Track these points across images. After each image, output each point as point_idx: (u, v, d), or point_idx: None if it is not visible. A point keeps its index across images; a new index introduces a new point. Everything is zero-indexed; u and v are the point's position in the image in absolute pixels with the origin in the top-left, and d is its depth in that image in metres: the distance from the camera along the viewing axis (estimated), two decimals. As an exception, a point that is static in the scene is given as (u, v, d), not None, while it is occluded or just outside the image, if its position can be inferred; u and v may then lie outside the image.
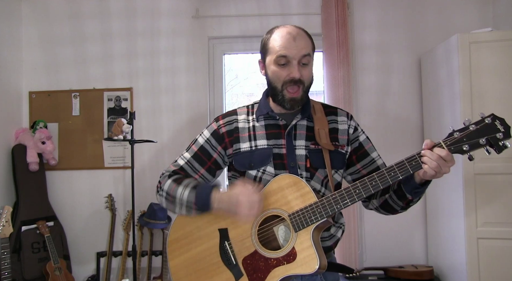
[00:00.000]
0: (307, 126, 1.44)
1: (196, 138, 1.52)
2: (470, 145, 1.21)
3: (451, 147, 1.22)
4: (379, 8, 3.15)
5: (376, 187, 1.26)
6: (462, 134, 1.22)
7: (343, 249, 2.92)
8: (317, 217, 1.27)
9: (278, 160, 1.39)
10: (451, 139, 1.23)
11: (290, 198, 1.31)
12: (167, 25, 3.20)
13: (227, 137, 1.46)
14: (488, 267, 2.39)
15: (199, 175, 1.47)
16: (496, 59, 2.44)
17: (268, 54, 1.41)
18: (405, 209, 1.42)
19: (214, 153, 1.47)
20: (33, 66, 3.23)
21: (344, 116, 1.49)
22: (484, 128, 1.20)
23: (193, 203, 1.35)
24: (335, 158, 1.42)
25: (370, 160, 1.48)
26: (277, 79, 1.38)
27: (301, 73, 1.35)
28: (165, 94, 3.20)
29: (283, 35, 1.37)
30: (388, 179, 1.25)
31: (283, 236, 1.32)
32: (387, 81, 3.13)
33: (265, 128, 1.44)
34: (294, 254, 1.27)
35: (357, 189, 1.27)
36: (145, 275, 3.03)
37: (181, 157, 1.50)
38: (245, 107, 1.52)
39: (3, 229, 2.45)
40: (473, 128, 1.21)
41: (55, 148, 3.15)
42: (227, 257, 1.35)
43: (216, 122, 1.50)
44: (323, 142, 1.40)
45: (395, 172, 1.25)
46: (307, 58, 1.37)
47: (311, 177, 1.39)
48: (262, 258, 1.30)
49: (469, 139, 1.21)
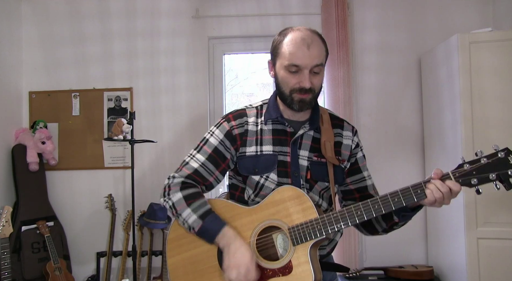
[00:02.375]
0: (314, 137, 1.42)
1: (206, 137, 1.45)
2: (479, 179, 1.17)
3: (459, 179, 1.19)
4: (379, 8, 3.15)
5: (378, 212, 1.24)
6: (473, 167, 1.17)
7: (343, 249, 2.92)
8: (316, 234, 1.27)
9: (282, 167, 1.38)
10: (461, 171, 1.19)
11: (291, 211, 1.31)
12: (167, 25, 3.20)
13: (239, 140, 1.42)
14: (488, 267, 2.39)
15: (214, 177, 1.43)
16: (496, 59, 2.44)
17: (279, 58, 1.36)
18: (387, 232, 1.41)
19: (228, 154, 1.42)
20: (33, 66, 3.23)
21: (350, 131, 1.48)
22: (496, 163, 1.15)
23: (193, 230, 1.35)
24: (337, 172, 1.42)
25: (360, 177, 1.47)
26: (286, 85, 1.35)
27: (312, 81, 1.32)
28: (165, 94, 3.20)
29: (296, 41, 1.32)
30: (391, 205, 1.23)
31: (282, 244, 1.32)
32: (387, 81, 3.13)
33: (272, 133, 1.41)
34: (290, 268, 1.28)
35: (359, 211, 1.26)
36: (145, 275, 3.03)
37: (193, 158, 1.43)
38: (254, 108, 1.48)
39: (3, 229, 2.45)
40: (484, 161, 1.16)
41: (55, 148, 3.15)
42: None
43: (227, 122, 1.44)
44: (329, 155, 1.38)
45: (399, 198, 1.23)
46: (319, 68, 1.33)
47: (310, 188, 1.39)
48: (258, 267, 1.30)
49: (479, 173, 1.16)
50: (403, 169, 3.06)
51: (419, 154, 3.09)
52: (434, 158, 2.90)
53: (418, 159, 3.09)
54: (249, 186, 1.42)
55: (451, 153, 2.60)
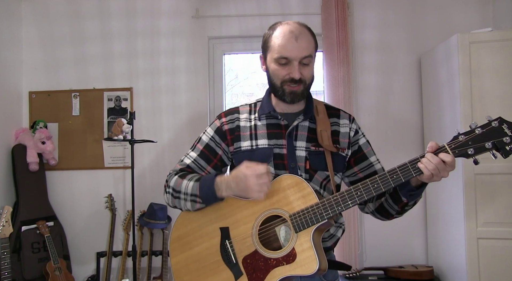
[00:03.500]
0: (309, 127, 1.43)
1: (200, 136, 1.52)
2: (475, 149, 1.18)
3: (455, 150, 1.20)
4: (379, 8, 3.15)
5: (377, 190, 1.25)
6: (468, 138, 1.19)
7: (343, 249, 2.93)
8: (318, 219, 1.27)
9: (279, 160, 1.39)
10: (456, 142, 1.20)
11: (292, 199, 1.31)
12: (167, 25, 3.20)
13: (229, 135, 1.46)
14: (488, 267, 2.39)
15: (206, 172, 1.46)
16: (496, 59, 2.44)
17: (269, 51, 1.40)
18: (401, 214, 1.41)
19: (219, 150, 1.47)
20: (33, 66, 3.23)
21: (346, 119, 1.49)
22: (490, 132, 1.17)
23: (197, 196, 1.35)
24: (337, 160, 1.42)
25: (368, 164, 1.47)
26: (277, 77, 1.38)
27: (302, 72, 1.35)
28: (165, 94, 3.20)
29: (285, 34, 1.35)
30: (390, 182, 1.24)
31: (285, 236, 1.32)
32: (387, 81, 3.13)
33: (266, 127, 1.44)
34: (294, 255, 1.27)
35: (359, 191, 1.27)
36: (145, 275, 3.04)
37: (187, 156, 1.50)
38: (248, 105, 1.52)
39: (3, 229, 2.45)
40: (479, 131, 1.18)
41: (55, 148, 3.15)
42: (228, 256, 1.35)
43: (219, 119, 1.50)
44: (325, 144, 1.39)
45: (397, 175, 1.24)
46: (308, 59, 1.36)
47: (310, 178, 1.40)
48: (262, 258, 1.30)
49: (475, 142, 1.18)
50: (403, 169, 3.06)
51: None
52: (434, 158, 2.90)
53: (418, 159, 3.08)
54: None
55: (451, 153, 2.60)
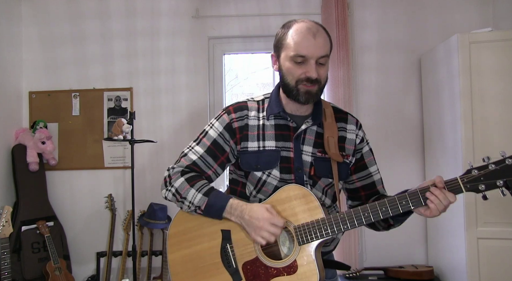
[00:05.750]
0: (317, 132, 1.40)
1: (205, 130, 1.44)
2: (486, 185, 1.17)
3: (467, 185, 1.19)
4: (379, 8, 3.15)
5: (385, 214, 1.25)
6: (480, 173, 1.18)
7: (343, 249, 2.92)
8: (322, 234, 1.27)
9: (285, 163, 1.37)
10: (469, 176, 1.19)
11: (297, 210, 1.30)
12: (167, 25, 3.20)
13: (239, 133, 1.40)
14: (488, 267, 2.39)
15: (213, 170, 1.41)
16: (496, 59, 2.43)
17: (284, 49, 1.33)
18: (387, 229, 1.43)
19: (228, 147, 1.40)
20: (33, 66, 3.23)
21: (353, 125, 1.46)
22: (504, 169, 1.16)
23: (201, 210, 1.34)
24: (341, 168, 1.40)
25: (367, 173, 1.46)
26: (291, 76, 1.32)
27: (318, 72, 1.30)
28: (165, 94, 3.20)
29: (302, 31, 1.30)
30: (399, 208, 1.24)
31: (288, 246, 1.32)
32: (387, 81, 3.13)
33: (274, 128, 1.39)
34: (295, 267, 1.27)
35: (366, 213, 1.26)
36: (145, 275, 3.04)
37: (192, 150, 1.42)
38: (256, 101, 1.45)
39: (3, 229, 2.45)
40: (492, 167, 1.17)
41: (55, 148, 3.15)
42: (228, 259, 1.34)
43: (228, 114, 1.42)
44: (332, 152, 1.37)
45: (407, 201, 1.24)
46: (325, 59, 1.31)
47: (314, 184, 1.38)
48: (262, 266, 1.30)
49: (487, 179, 1.17)
50: (403, 169, 3.06)
51: (419, 154, 3.09)
52: (434, 158, 2.90)
53: (418, 159, 3.09)
54: (250, 182, 1.41)
55: (451, 153, 2.60)
